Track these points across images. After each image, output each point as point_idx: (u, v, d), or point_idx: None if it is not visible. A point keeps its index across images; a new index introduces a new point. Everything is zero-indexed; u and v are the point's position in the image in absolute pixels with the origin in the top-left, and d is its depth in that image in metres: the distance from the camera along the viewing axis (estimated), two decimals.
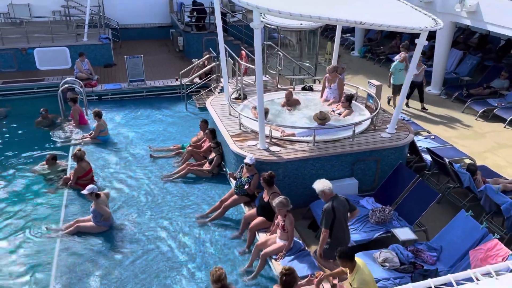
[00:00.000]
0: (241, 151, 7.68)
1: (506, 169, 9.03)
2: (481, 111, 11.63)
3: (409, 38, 16.58)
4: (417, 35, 7.71)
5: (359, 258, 5.08)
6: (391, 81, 11.73)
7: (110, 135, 10.77)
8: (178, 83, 13.42)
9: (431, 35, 12.86)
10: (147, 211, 7.96)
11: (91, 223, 7.38)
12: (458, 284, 1.62)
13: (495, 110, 11.57)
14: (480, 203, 7.39)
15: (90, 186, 7.42)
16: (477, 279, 1.63)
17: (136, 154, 10.04)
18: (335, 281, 5.69)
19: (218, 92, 12.31)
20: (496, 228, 7.00)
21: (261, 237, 6.79)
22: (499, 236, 5.98)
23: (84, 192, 7.36)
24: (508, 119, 11.10)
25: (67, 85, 12.14)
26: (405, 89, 8.34)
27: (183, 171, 8.97)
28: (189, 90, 12.98)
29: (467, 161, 8.89)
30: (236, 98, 9.92)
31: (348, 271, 4.97)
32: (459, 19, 12.22)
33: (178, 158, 9.70)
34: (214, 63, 12.94)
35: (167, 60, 16.87)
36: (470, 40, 17.21)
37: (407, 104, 12.18)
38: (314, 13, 6.66)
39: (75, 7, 18.71)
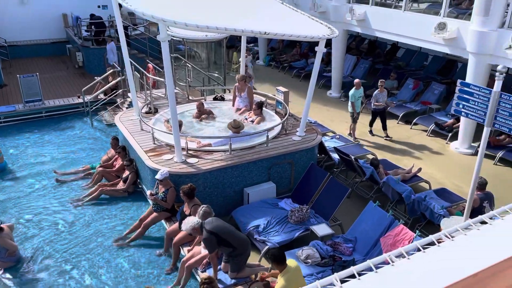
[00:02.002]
0: (157, 165, 7.51)
1: (403, 161, 10.02)
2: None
3: (308, 46, 17.65)
4: (316, 43, 8.25)
5: (293, 260, 5.24)
6: (356, 110, 10.86)
7: (6, 162, 9.80)
8: (81, 100, 12.69)
9: (327, 43, 13.80)
10: (59, 240, 7.38)
11: None
12: (377, 268, 1.79)
13: (388, 108, 12.75)
14: (384, 193, 8.12)
15: None
16: (392, 261, 1.83)
17: (41, 180, 9.26)
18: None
19: (127, 107, 11.88)
20: (400, 215, 7.73)
21: (186, 251, 6.69)
22: (403, 222, 6.63)
23: None
24: (400, 116, 12.33)
25: None
26: (309, 100, 8.80)
27: (95, 193, 8.49)
28: (94, 107, 12.34)
29: (370, 156, 9.70)
30: (146, 112, 9.68)
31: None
32: (351, 27, 13.33)
33: (88, 180, 9.16)
34: (119, 78, 12.48)
35: (66, 78, 15.84)
36: (362, 46, 18.82)
37: (370, 132, 11.50)
38: (220, 24, 6.80)
39: None
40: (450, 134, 10.99)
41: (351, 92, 10.88)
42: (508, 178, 9.34)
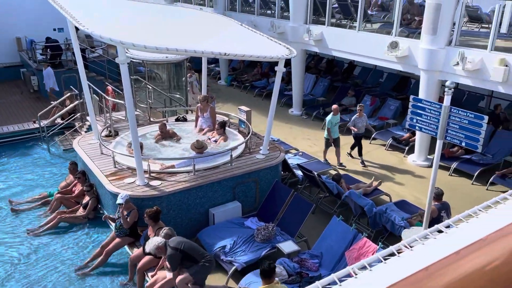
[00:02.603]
0: (119, 190, 7.33)
1: (364, 175, 10.28)
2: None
3: (268, 66, 17.96)
4: (276, 63, 8.43)
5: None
6: (332, 136, 10.52)
7: None
8: (37, 125, 12.24)
9: (287, 62, 14.12)
10: (16, 274, 6.98)
11: None
12: (341, 281, 1.84)
13: (348, 124, 13.12)
14: (347, 207, 8.28)
15: None
16: (355, 274, 1.88)
17: None
18: None
19: (85, 131, 11.57)
20: (364, 228, 7.89)
21: (150, 276, 6.51)
22: (367, 234, 6.77)
23: None
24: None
25: None
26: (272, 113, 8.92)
27: (54, 221, 8.15)
28: (51, 132, 11.94)
29: (332, 171, 9.89)
30: (106, 136, 9.47)
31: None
32: (308, 47, 13.72)
33: (46, 208, 8.78)
34: (77, 101, 12.18)
35: (20, 102, 15.27)
36: (320, 65, 19.36)
37: (350, 154, 11.33)
38: (179, 46, 6.83)
39: None
40: (407, 148, 11.42)
41: (328, 118, 10.55)
42: (462, 188, 9.77)
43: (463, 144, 5.85)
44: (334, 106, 10.81)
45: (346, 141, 11.56)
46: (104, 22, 7.84)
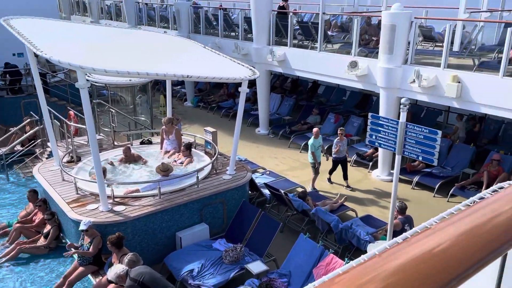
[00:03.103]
0: (81, 217, 7.12)
1: (331, 191, 10.44)
2: (303, 144, 13.27)
3: (235, 87, 18.11)
4: (240, 84, 8.54)
5: None
6: (317, 160, 10.29)
7: None
8: None
9: (253, 83, 14.34)
10: None
11: None
12: None
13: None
14: (315, 224, 8.36)
15: None
16: None
17: None
18: None
19: (46, 158, 11.23)
20: (331, 244, 7.97)
21: None
22: (333, 251, 6.84)
23: None
24: (325, 148, 12.91)
25: None
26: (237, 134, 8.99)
27: (13, 252, 7.80)
28: (10, 160, 11.52)
29: (299, 189, 9.99)
30: (68, 162, 9.24)
31: None
32: (273, 67, 13.98)
33: (5, 239, 8.40)
34: (37, 127, 11.84)
35: None
36: (285, 85, 19.70)
37: (329, 180, 10.94)
38: (141, 70, 6.82)
39: None
40: (371, 163, 11.71)
41: (310, 141, 10.35)
42: (425, 200, 10.08)
43: (420, 158, 6.08)
44: (315, 130, 10.53)
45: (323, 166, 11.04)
46: (64, 46, 7.74)
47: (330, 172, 10.93)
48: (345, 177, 10.73)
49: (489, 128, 12.75)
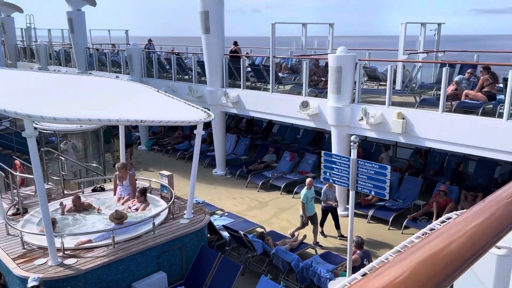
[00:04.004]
0: (28, 273, 6.64)
1: (290, 229, 10.45)
2: (260, 183, 13.35)
3: (190, 128, 18.11)
4: (195, 126, 8.57)
5: None
6: (307, 213, 9.62)
7: None
8: None
9: (208, 124, 14.42)
10: None
11: None
12: None
13: (271, 181, 13.48)
14: (276, 265, 8.29)
15: None
16: None
17: None
18: None
19: None
20: (293, 284, 7.91)
21: None
22: None
23: None
24: (282, 186, 13.06)
25: None
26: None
27: None
28: None
29: (259, 229, 9.94)
30: (14, 214, 8.71)
31: None
32: (227, 108, 14.19)
33: None
34: None
35: None
36: (240, 125, 19.96)
37: (322, 233, 10.22)
38: (93, 116, 6.71)
39: None
40: None
41: (303, 192, 9.61)
42: (380, 233, 10.32)
43: (372, 193, 6.30)
44: (308, 180, 9.73)
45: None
46: (10, 95, 7.50)
47: (321, 224, 10.15)
48: (337, 226, 10.18)
49: (434, 160, 13.47)
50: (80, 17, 20.31)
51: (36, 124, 9.96)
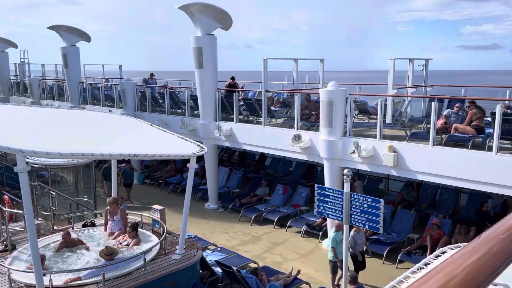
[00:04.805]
0: None
1: (283, 264, 10.30)
2: (253, 217, 13.24)
3: (182, 162, 18.07)
4: (188, 159, 8.57)
5: None
6: (338, 257, 8.71)
7: None
8: None
9: (200, 157, 14.42)
10: None
11: None
12: None
13: (264, 214, 13.37)
14: None
15: None
16: None
17: None
18: None
19: None
20: None
21: None
22: None
23: None
24: (275, 220, 12.95)
25: None
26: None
27: None
28: None
29: (252, 264, 9.78)
30: (1, 251, 8.48)
31: None
32: (220, 142, 14.25)
33: None
34: None
35: None
36: (233, 158, 19.98)
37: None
38: (86, 151, 6.69)
39: None
40: (320, 233, 11.82)
41: (332, 235, 8.97)
42: (375, 268, 10.17)
43: (366, 226, 6.28)
44: (337, 222, 8.50)
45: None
46: (2, 129, 7.48)
47: (357, 271, 8.85)
48: (362, 268, 9.26)
49: (426, 193, 13.52)
50: (74, 52, 20.59)
51: (27, 158, 9.88)
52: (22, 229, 9.46)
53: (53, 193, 10.33)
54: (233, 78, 15.53)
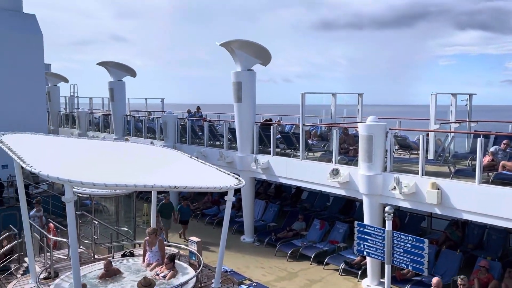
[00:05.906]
0: None
1: None
2: (289, 252, 13.00)
3: (219, 194, 18.21)
4: (225, 192, 8.62)
5: None
6: None
7: None
8: None
9: (237, 190, 14.46)
10: None
11: None
12: None
13: (300, 250, 13.11)
14: None
15: None
16: None
17: None
18: None
19: (22, 274, 10.59)
20: None
21: None
22: None
23: None
24: (312, 256, 12.65)
25: None
26: None
27: None
28: None
29: None
30: (45, 278, 8.73)
31: None
32: (257, 174, 14.29)
33: None
34: (15, 241, 11.37)
35: None
36: (269, 191, 19.92)
37: None
38: (129, 182, 6.89)
39: None
40: (359, 272, 11.40)
41: None
42: None
43: (410, 267, 6.02)
44: (435, 280, 7.97)
45: None
46: (52, 160, 7.86)
47: None
48: None
49: (472, 233, 12.84)
50: (120, 87, 21.64)
51: (74, 188, 10.29)
52: (65, 257, 9.73)
53: (96, 222, 10.63)
54: (270, 120, 15.63)
